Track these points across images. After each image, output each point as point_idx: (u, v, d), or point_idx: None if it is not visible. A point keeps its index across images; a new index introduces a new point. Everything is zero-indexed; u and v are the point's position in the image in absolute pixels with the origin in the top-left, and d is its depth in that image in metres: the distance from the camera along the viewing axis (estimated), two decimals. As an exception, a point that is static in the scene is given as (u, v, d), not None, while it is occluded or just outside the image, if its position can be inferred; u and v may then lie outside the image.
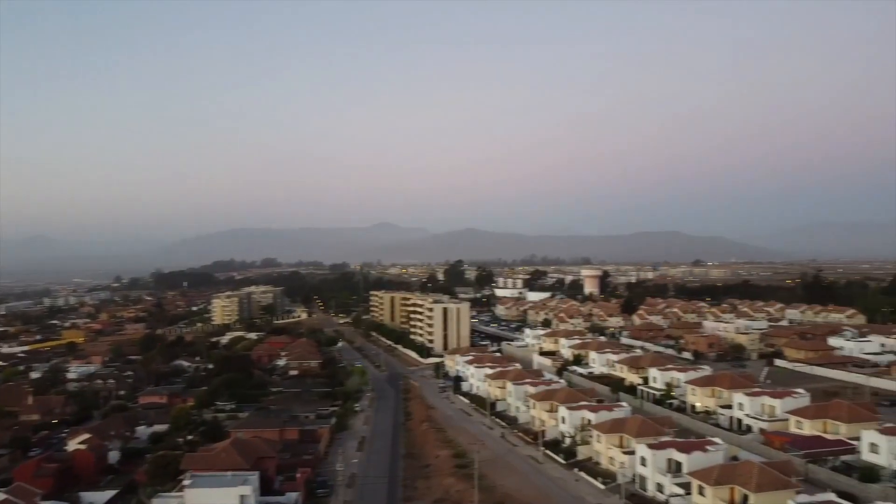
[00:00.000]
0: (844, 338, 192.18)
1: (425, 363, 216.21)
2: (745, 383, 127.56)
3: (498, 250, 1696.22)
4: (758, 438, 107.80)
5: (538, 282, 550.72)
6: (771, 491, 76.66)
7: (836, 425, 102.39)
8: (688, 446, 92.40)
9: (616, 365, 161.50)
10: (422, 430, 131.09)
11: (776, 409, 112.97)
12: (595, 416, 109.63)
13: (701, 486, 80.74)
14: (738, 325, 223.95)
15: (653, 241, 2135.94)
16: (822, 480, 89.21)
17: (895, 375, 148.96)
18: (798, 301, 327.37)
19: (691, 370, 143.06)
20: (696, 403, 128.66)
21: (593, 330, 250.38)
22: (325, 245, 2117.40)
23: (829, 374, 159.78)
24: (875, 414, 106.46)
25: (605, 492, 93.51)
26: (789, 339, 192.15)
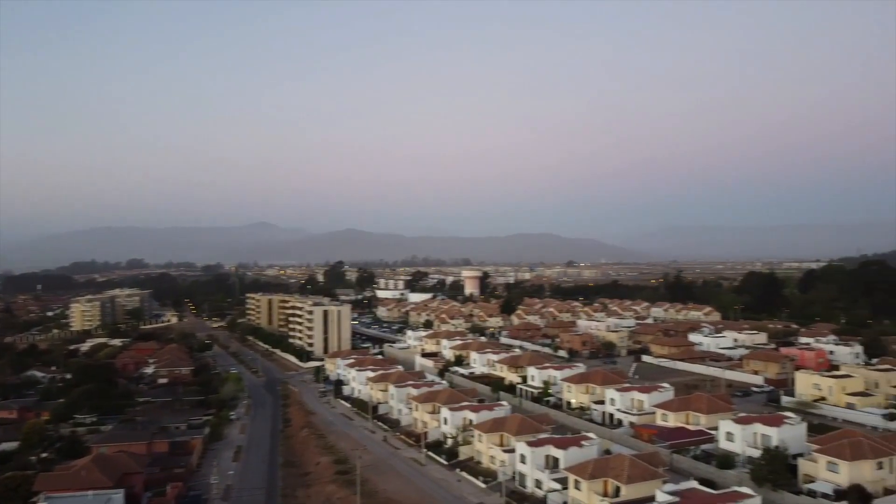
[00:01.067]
0: (703, 334, 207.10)
1: (305, 367, 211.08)
2: (617, 379, 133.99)
3: (379, 251, 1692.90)
4: (628, 432, 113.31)
5: (420, 283, 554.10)
6: (640, 482, 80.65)
7: (697, 416, 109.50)
8: (564, 442, 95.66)
9: (496, 365, 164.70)
10: (301, 437, 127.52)
11: (644, 404, 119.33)
12: (476, 415, 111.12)
13: (577, 480, 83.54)
14: (608, 324, 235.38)
15: (529, 242, 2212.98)
16: (685, 469, 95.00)
17: (747, 368, 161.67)
18: (661, 300, 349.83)
19: (567, 368, 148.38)
20: (571, 400, 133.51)
21: (474, 330, 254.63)
22: (197, 245, 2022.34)
23: (690, 368, 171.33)
24: (730, 405, 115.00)
25: (487, 490, 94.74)
26: (655, 336, 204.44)
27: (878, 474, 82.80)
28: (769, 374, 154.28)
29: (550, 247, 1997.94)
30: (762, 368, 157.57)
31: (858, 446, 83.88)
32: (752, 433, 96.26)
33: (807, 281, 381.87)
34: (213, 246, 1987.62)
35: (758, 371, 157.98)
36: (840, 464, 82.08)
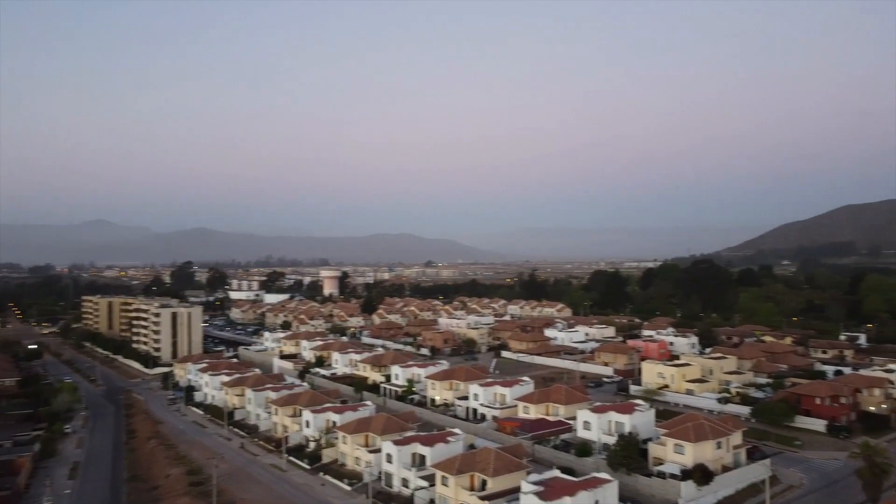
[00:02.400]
0: (557, 329, 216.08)
1: (152, 374, 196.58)
2: (479, 375, 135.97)
3: (231, 251, 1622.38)
4: (492, 425, 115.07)
5: (276, 283, 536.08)
6: (506, 474, 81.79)
7: (556, 408, 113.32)
8: (430, 439, 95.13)
9: (359, 364, 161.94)
10: (148, 449, 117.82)
11: (506, 397, 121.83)
12: (340, 417, 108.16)
13: (444, 476, 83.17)
14: (469, 322, 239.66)
15: (388, 242, 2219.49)
16: (546, 458, 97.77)
17: (598, 360, 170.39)
18: (517, 297, 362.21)
19: (430, 366, 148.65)
20: (435, 397, 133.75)
21: (335, 331, 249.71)
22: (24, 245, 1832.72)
23: (546, 362, 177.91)
24: (587, 395, 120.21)
25: (352, 493, 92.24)
26: (513, 332, 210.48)
27: (717, 453, 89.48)
28: (618, 365, 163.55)
29: (409, 247, 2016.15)
30: (612, 360, 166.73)
31: (701, 428, 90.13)
32: (608, 421, 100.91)
33: (646, 279, 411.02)
34: (43, 245, 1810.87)
35: (608, 363, 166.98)
36: (686, 445, 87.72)
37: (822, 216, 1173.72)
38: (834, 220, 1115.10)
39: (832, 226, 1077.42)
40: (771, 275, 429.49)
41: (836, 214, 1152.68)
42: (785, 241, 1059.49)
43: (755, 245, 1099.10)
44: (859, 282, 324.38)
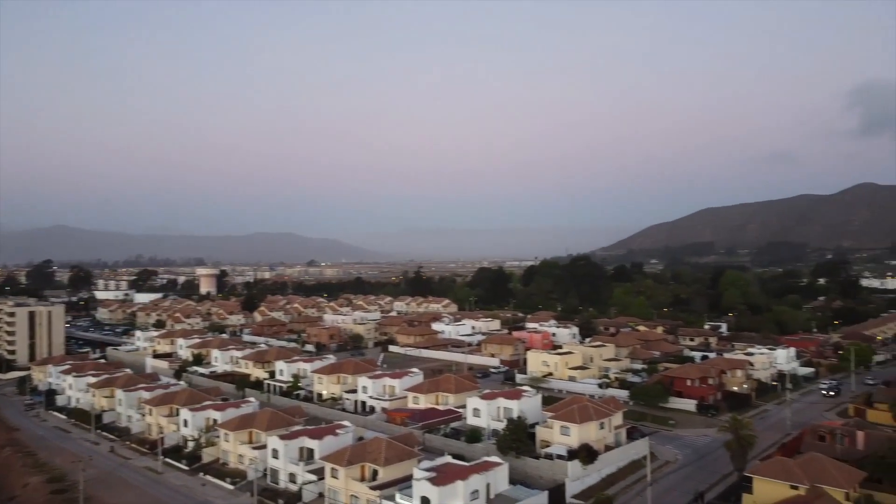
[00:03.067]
0: (444, 323, 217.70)
1: (6, 379, 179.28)
2: (368, 368, 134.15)
3: (97, 250, 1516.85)
4: (381, 417, 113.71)
5: (147, 283, 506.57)
6: (398, 463, 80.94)
7: (446, 397, 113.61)
8: (319, 432, 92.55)
9: (241, 361, 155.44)
10: (2, 459, 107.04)
11: (396, 389, 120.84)
12: (221, 414, 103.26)
13: (334, 468, 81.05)
14: (355, 317, 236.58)
15: (269, 242, 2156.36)
16: (437, 447, 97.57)
17: (485, 352, 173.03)
18: (403, 294, 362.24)
19: (317, 360, 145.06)
20: (323, 392, 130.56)
21: (213, 329, 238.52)
22: None
23: (434, 355, 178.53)
24: (476, 384, 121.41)
25: (235, 492, 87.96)
26: (400, 326, 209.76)
27: (600, 434, 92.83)
28: (504, 356, 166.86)
29: (291, 247, 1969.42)
30: (498, 351, 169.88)
31: (585, 410, 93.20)
32: (496, 407, 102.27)
33: (528, 276, 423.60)
34: None
35: (494, 354, 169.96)
36: (571, 427, 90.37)
37: (684, 218, 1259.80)
38: (695, 222, 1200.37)
39: (694, 227, 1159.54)
40: (641, 272, 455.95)
41: (697, 217, 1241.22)
42: (653, 240, 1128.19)
43: (626, 245, 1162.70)
44: (719, 277, 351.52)
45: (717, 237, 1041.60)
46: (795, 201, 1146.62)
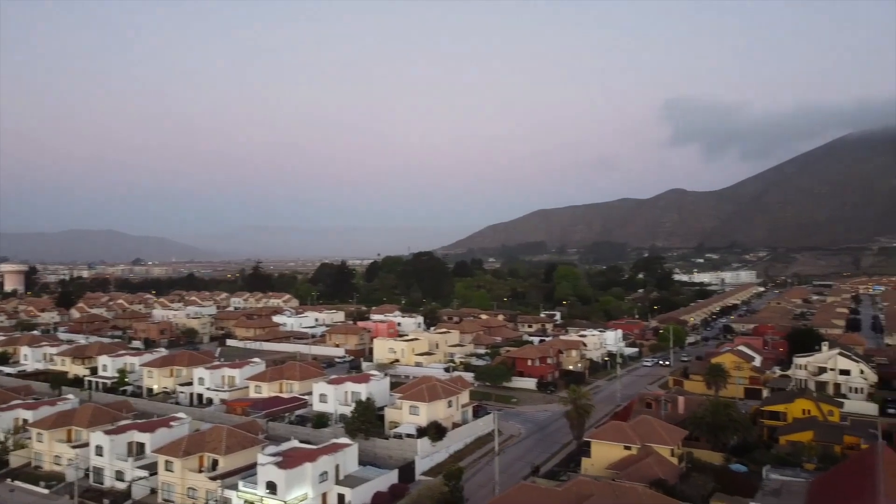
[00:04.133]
0: (287, 316, 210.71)
1: None
2: (205, 360, 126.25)
3: None
4: (220, 408, 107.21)
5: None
6: (240, 451, 76.70)
7: (290, 384, 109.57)
8: (151, 426, 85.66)
9: (56, 358, 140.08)
10: None
11: (236, 379, 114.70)
12: (33, 413, 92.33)
13: (168, 461, 75.14)
14: (188, 312, 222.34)
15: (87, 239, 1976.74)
16: (282, 435, 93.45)
17: (329, 343, 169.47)
18: (241, 291, 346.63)
19: (147, 354, 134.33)
20: (154, 386, 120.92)
21: (22, 327, 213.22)
22: None
23: (277, 347, 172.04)
24: (321, 370, 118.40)
25: (51, 496, 78.71)
26: (238, 320, 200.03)
27: (449, 412, 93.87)
28: (350, 346, 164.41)
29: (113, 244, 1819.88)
30: (343, 341, 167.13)
31: (434, 390, 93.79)
32: (344, 392, 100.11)
33: (371, 271, 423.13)
34: None
35: (339, 344, 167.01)
36: (420, 406, 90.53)
37: (519, 219, 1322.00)
38: (529, 223, 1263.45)
39: (528, 227, 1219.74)
40: (481, 268, 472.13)
41: (530, 218, 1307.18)
42: (490, 240, 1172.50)
43: (465, 244, 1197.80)
44: (552, 272, 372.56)
45: (548, 237, 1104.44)
46: (617, 204, 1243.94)
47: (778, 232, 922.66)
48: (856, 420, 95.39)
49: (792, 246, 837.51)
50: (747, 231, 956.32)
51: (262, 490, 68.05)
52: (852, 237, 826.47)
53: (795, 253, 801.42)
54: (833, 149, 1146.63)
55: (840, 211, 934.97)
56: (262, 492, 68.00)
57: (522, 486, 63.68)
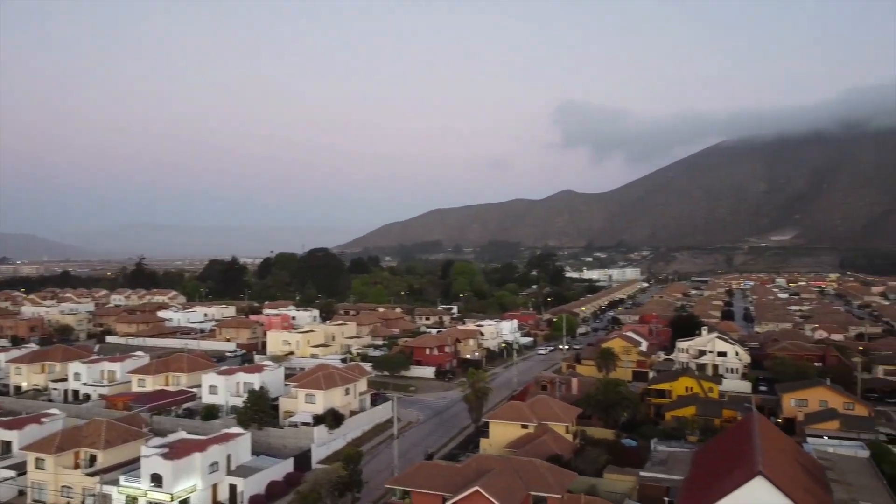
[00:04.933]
0: (173, 311, 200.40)
1: None
2: (81, 354, 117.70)
3: None
4: (100, 404, 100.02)
5: None
6: (121, 445, 72.22)
7: (177, 377, 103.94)
8: (19, 423, 79.13)
9: None
10: None
11: (117, 374, 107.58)
12: None
13: (39, 458, 69.25)
14: (62, 308, 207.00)
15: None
16: (169, 429, 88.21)
17: (220, 337, 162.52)
18: (122, 288, 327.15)
19: (14, 350, 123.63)
20: (23, 383, 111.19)
21: None
22: None
23: (162, 342, 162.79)
24: (211, 362, 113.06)
25: None
26: (119, 316, 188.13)
27: (346, 399, 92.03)
28: (241, 340, 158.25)
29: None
30: (234, 336, 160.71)
31: (331, 377, 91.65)
32: (236, 383, 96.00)
33: (264, 268, 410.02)
34: None
35: (230, 339, 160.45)
36: (317, 394, 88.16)
37: (416, 218, 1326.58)
38: (426, 222, 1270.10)
39: (424, 226, 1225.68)
40: (378, 265, 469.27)
41: (427, 217, 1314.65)
42: (387, 239, 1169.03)
43: (362, 243, 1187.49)
44: (449, 268, 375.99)
45: (445, 236, 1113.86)
46: (511, 205, 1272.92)
47: (660, 232, 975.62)
48: (732, 396, 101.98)
49: (672, 246, 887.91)
50: (632, 231, 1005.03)
51: (146, 484, 63.97)
52: (725, 238, 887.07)
53: (675, 252, 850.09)
54: (708, 155, 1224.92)
55: (715, 213, 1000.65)
56: (146, 485, 63.92)
57: (423, 465, 63.23)
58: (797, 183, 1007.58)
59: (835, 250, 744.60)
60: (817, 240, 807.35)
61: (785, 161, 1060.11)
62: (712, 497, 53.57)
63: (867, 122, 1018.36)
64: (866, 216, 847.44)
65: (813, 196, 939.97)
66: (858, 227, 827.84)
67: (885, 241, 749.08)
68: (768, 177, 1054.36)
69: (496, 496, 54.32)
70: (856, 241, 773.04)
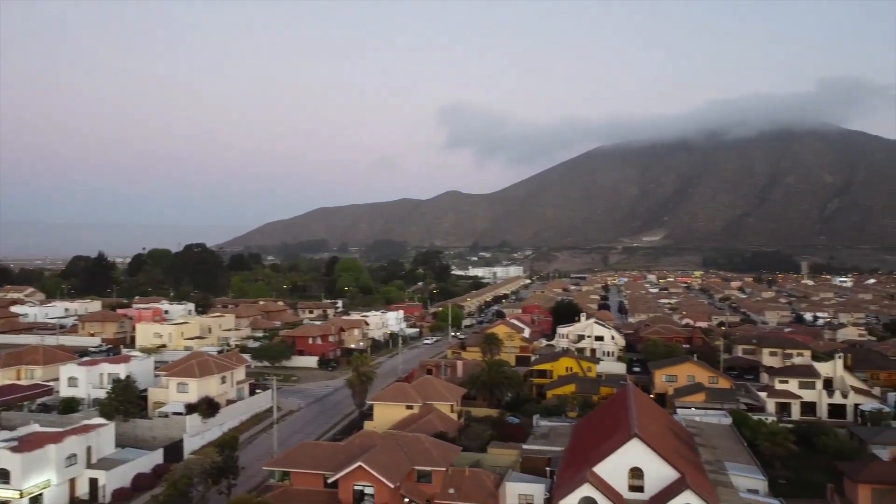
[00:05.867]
0: (29, 306, 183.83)
1: None
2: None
3: None
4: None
5: None
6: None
7: (32, 370, 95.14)
8: None
9: None
10: None
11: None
12: None
13: None
14: None
15: None
16: (19, 424, 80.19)
17: (83, 332, 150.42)
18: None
19: None
20: None
21: None
22: None
23: (16, 339, 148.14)
24: (71, 355, 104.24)
25: None
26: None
27: (222, 388, 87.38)
28: (107, 335, 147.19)
29: None
30: (100, 330, 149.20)
31: (206, 365, 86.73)
32: (99, 374, 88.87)
33: (135, 265, 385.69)
34: None
35: (95, 333, 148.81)
36: (190, 382, 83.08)
37: (300, 216, 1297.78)
38: (310, 221, 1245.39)
39: (309, 225, 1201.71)
40: (260, 262, 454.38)
41: (312, 216, 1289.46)
42: (269, 237, 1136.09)
43: (242, 241, 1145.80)
44: (334, 265, 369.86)
45: (330, 235, 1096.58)
46: (398, 204, 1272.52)
47: (541, 233, 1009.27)
48: (609, 377, 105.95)
49: (553, 245, 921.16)
50: (516, 231, 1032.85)
51: (-11, 481, 57.45)
52: (602, 238, 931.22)
53: (556, 251, 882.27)
54: (587, 159, 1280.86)
55: (592, 215, 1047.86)
56: (-11, 482, 57.41)
57: (304, 444, 60.77)
58: (666, 187, 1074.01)
59: (699, 250, 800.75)
60: (683, 240, 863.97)
61: (655, 167, 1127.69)
62: (593, 460, 54.90)
63: (726, 132, 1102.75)
64: (726, 219, 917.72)
65: (680, 200, 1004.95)
66: (719, 228, 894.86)
67: (743, 242, 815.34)
68: (640, 181, 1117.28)
69: (379, 471, 52.98)
70: (717, 242, 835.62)
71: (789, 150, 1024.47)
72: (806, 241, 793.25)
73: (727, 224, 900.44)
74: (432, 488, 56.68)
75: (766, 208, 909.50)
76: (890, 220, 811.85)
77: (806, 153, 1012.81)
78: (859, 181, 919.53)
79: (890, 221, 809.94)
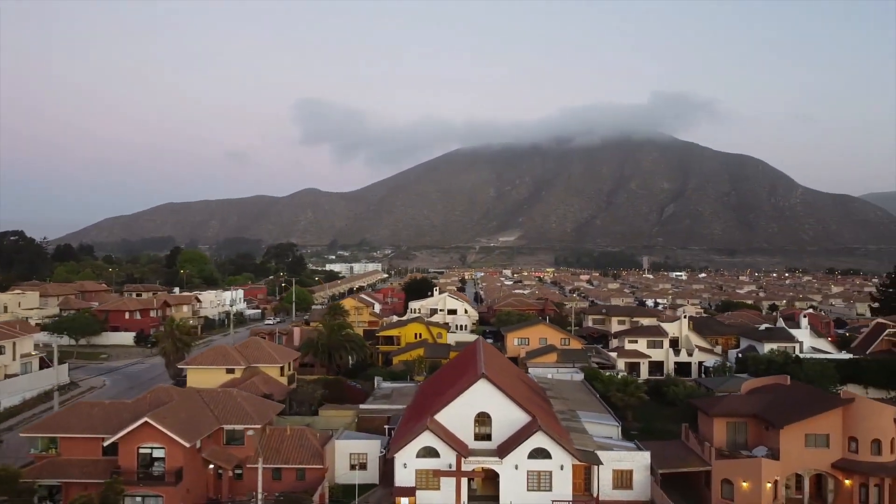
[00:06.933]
0: None
1: None
2: None
3: None
4: None
5: None
6: None
7: None
8: None
9: None
10: None
11: None
12: None
13: None
14: None
15: None
16: None
17: None
18: None
19: None
20: None
21: None
22: None
23: None
24: None
25: None
26: None
27: (1, 359, 71.97)
28: None
29: None
30: None
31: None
32: None
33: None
34: None
35: None
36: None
37: (144, 212, 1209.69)
38: (156, 216, 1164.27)
39: (154, 221, 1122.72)
40: (92, 254, 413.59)
41: (157, 211, 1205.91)
42: (108, 234, 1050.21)
43: (78, 238, 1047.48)
44: (176, 256, 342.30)
45: (178, 232, 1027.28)
46: (252, 201, 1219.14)
47: (401, 232, 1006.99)
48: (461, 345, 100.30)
49: (412, 245, 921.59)
50: (375, 231, 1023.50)
51: None
52: (460, 238, 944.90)
53: (416, 251, 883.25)
54: (446, 161, 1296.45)
55: (451, 215, 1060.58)
56: None
57: (78, 405, 48.73)
58: (521, 190, 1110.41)
59: (551, 250, 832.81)
60: (537, 240, 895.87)
61: (511, 170, 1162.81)
62: (436, 407, 47.94)
63: (575, 138, 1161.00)
64: (576, 221, 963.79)
65: (534, 202, 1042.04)
66: (570, 230, 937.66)
67: (591, 242, 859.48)
68: (497, 183, 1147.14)
69: (172, 428, 42.46)
70: (568, 242, 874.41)
71: (632, 157, 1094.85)
72: (646, 242, 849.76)
73: (577, 225, 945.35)
74: (244, 451, 46.99)
75: (612, 211, 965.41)
76: (717, 224, 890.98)
77: (646, 161, 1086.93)
78: (691, 188, 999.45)
79: (717, 225, 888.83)
